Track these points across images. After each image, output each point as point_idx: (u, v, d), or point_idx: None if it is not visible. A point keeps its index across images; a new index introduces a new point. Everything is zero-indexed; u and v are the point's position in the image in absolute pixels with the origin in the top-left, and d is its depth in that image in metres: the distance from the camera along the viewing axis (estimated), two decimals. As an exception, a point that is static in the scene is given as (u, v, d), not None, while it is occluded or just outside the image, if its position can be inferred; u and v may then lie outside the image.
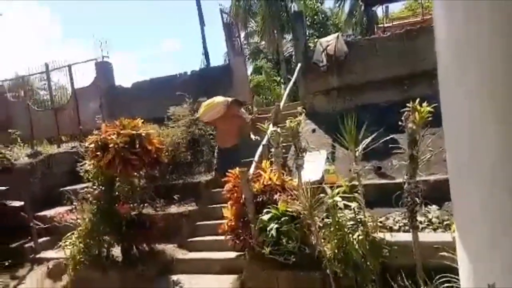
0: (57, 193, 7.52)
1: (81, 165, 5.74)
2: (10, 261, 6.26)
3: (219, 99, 6.06)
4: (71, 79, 11.36)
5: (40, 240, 6.58)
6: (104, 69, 11.21)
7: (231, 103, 5.86)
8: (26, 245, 6.56)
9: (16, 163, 7.80)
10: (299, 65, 8.14)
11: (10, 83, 12.80)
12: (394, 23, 13.25)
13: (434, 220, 3.93)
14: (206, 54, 11.32)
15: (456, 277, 1.15)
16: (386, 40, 7.88)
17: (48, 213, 7.01)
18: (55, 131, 11.20)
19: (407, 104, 3.27)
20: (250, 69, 21.04)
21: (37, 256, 6.32)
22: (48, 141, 10.38)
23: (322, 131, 7.32)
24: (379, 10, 14.82)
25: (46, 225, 6.66)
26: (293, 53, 17.34)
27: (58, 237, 5.71)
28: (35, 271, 6.01)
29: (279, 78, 20.18)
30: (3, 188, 7.02)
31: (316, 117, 7.80)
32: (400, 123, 3.28)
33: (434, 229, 3.81)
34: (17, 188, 7.00)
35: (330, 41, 7.92)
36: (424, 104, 3.08)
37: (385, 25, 13.96)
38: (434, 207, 4.14)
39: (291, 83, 8.08)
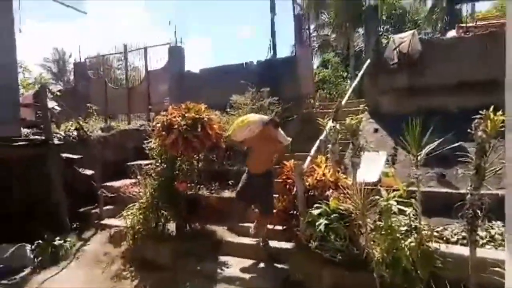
0: (124, 167, 8.11)
1: (147, 143, 6.12)
2: (78, 223, 6.91)
3: (253, 117, 5.13)
4: (146, 61, 12.09)
5: (105, 207, 7.15)
6: (176, 53, 11.77)
7: (267, 124, 4.90)
8: (93, 211, 7.17)
9: (91, 135, 8.50)
10: (368, 61, 7.90)
11: (92, 61, 13.90)
12: (478, 23, 12.23)
13: (497, 236, 3.66)
14: (273, 44, 11.36)
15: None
16: (467, 41, 7.34)
17: (115, 184, 7.59)
18: (127, 109, 12.02)
19: (480, 112, 3.07)
20: (317, 62, 20.73)
21: (101, 222, 6.87)
22: (120, 118, 11.18)
23: (385, 132, 7.07)
24: (464, 8, 13.75)
25: (112, 195, 7.22)
26: (363, 48, 16.79)
27: (121, 207, 6.16)
28: (99, 235, 6.57)
29: (346, 74, 19.67)
30: (78, 156, 7.72)
31: (380, 116, 7.53)
32: (469, 131, 3.10)
33: (496, 247, 3.55)
34: (89, 158, 7.67)
35: (404, 38, 7.57)
36: (499, 113, 2.86)
37: (468, 24, 12.96)
38: (499, 223, 3.84)
39: (357, 79, 7.86)
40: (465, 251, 3.19)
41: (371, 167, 5.45)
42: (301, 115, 9.01)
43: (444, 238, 3.83)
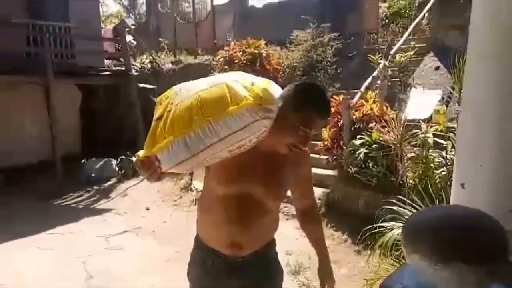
0: (191, 97, 8.86)
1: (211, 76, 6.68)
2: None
3: (255, 86, 1.23)
4: (211, -6, 12.29)
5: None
6: (241, -13, 11.82)
7: (302, 109, 1.30)
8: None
9: (163, 68, 9.29)
10: (436, -6, 7.47)
11: (161, -6, 14.37)
12: None
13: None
14: (339, -24, 10.89)
15: None
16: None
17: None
18: (194, 43, 12.56)
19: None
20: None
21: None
22: (187, 52, 11.78)
23: (446, 70, 6.89)
24: None
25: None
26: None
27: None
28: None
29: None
30: (152, 86, 8.61)
31: (445, 54, 7.24)
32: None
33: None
34: (161, 89, 8.48)
35: (480, -33, 6.98)
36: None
37: None
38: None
39: (422, 13, 7.54)
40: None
41: (425, 104, 5.55)
42: (361, 52, 8.93)
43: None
